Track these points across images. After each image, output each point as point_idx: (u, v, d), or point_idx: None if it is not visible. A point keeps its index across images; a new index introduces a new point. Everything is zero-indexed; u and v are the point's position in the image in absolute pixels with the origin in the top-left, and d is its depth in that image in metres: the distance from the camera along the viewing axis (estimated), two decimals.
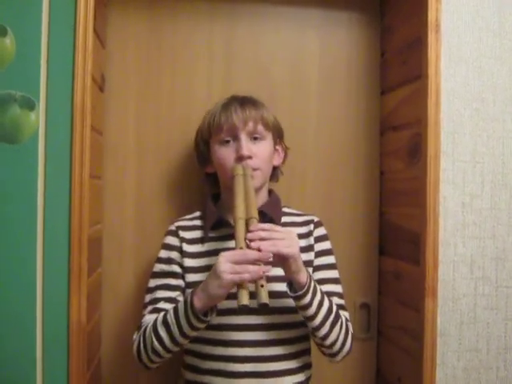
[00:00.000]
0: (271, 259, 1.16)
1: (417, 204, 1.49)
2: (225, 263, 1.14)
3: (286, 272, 1.22)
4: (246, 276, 1.11)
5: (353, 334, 1.34)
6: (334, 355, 1.32)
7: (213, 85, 1.67)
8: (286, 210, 1.48)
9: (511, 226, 1.51)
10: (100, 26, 1.49)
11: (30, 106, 1.32)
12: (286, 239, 1.18)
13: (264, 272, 1.12)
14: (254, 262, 1.12)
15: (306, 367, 1.38)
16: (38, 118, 1.32)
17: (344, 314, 1.35)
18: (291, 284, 1.24)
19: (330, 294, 1.34)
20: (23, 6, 1.32)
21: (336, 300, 1.36)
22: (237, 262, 1.13)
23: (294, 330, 1.34)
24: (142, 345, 1.27)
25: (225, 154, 1.37)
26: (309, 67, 1.73)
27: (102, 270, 1.61)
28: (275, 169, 1.48)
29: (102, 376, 1.62)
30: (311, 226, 1.43)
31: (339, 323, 1.28)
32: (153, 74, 1.64)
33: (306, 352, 1.40)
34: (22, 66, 1.31)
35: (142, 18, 1.64)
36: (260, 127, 1.38)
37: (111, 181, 1.62)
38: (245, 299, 1.10)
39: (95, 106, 1.42)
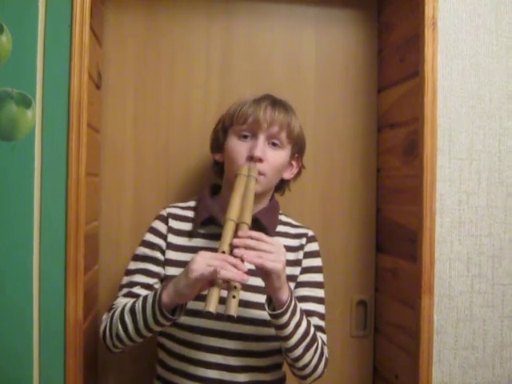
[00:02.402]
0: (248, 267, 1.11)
1: (413, 201, 1.49)
2: (199, 262, 1.08)
3: (266, 287, 1.16)
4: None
5: (327, 359, 1.29)
6: (303, 377, 1.27)
7: (210, 82, 1.67)
8: (282, 218, 1.42)
9: (507, 224, 1.51)
10: (97, 24, 1.49)
11: (26, 103, 1.32)
12: (273, 253, 1.11)
13: (237, 282, 1.06)
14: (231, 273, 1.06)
15: (277, 381, 1.35)
16: (34, 116, 1.32)
17: (321, 336, 1.30)
18: (270, 299, 1.19)
19: (310, 313, 1.30)
20: (20, 4, 1.32)
21: (315, 320, 1.30)
22: (211, 266, 1.07)
23: (265, 343, 1.29)
24: (107, 327, 1.24)
25: (238, 148, 1.30)
26: (306, 65, 1.73)
27: (99, 267, 1.61)
28: (284, 182, 1.42)
29: (99, 373, 1.62)
30: (303, 240, 1.37)
31: (314, 347, 1.23)
32: (150, 72, 1.64)
33: (278, 366, 1.36)
34: (18, 64, 1.32)
35: (139, 15, 1.64)
36: (283, 134, 1.31)
37: (108, 178, 1.62)
38: (212, 306, 1.04)
39: (92, 104, 1.42)
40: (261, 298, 1.21)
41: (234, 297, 1.06)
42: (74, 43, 1.33)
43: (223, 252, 1.10)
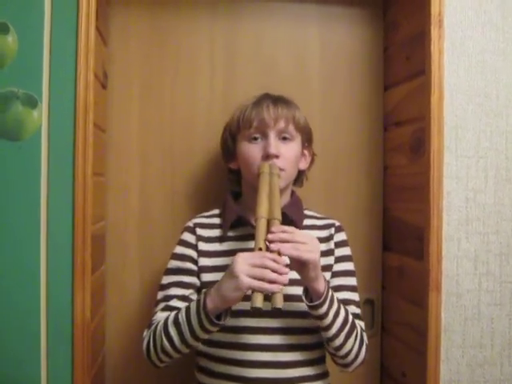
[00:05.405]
0: (287, 262, 1.13)
1: (420, 199, 1.48)
2: (242, 264, 1.10)
3: (303, 278, 1.18)
4: (267, 286, 1.07)
5: (367, 345, 1.31)
6: (346, 365, 1.29)
7: (215, 82, 1.67)
8: (307, 212, 1.44)
9: None
10: (102, 24, 1.49)
11: (32, 103, 1.32)
12: (308, 243, 1.14)
13: (283, 281, 1.08)
14: (273, 267, 1.08)
15: (323, 375, 1.35)
16: (40, 116, 1.33)
17: (360, 323, 1.31)
18: (307, 290, 1.20)
19: (346, 302, 1.31)
20: (25, 4, 1.32)
21: (352, 309, 1.32)
22: (254, 265, 1.09)
23: (311, 336, 1.30)
24: (151, 343, 1.24)
25: (252, 151, 1.32)
26: (311, 63, 1.72)
27: (106, 267, 1.61)
28: (300, 173, 1.44)
29: (107, 373, 1.62)
30: (332, 230, 1.40)
31: (354, 334, 1.24)
32: (155, 72, 1.64)
33: (323, 359, 1.36)
34: (24, 64, 1.32)
35: (144, 15, 1.64)
36: (291, 127, 1.33)
37: (114, 178, 1.62)
38: (259, 302, 1.07)
39: (98, 104, 1.42)
40: (300, 290, 1.22)
41: None
42: (80, 43, 1.33)
43: (260, 249, 1.12)
